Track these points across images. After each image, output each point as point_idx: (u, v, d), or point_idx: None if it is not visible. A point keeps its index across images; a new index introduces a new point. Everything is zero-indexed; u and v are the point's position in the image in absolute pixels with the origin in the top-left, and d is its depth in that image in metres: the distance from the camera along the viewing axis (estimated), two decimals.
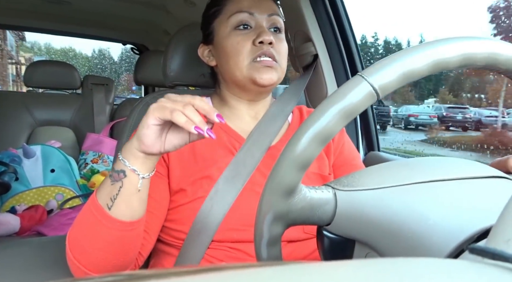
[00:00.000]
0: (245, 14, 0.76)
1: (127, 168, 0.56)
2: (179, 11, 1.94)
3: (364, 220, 0.40)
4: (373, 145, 1.32)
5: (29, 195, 1.71)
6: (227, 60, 0.76)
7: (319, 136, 0.37)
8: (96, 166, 1.99)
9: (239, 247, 0.70)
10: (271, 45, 0.74)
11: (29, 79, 2.10)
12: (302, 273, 0.19)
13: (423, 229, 0.36)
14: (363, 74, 0.37)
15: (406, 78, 0.37)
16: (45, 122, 2.12)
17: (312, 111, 0.38)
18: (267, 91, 0.80)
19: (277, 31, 0.79)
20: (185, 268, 0.22)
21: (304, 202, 0.41)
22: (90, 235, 0.59)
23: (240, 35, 0.75)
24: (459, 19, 57.22)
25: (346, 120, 0.37)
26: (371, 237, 0.40)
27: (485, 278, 0.20)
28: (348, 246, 0.42)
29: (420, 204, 0.38)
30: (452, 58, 0.37)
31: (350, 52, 1.28)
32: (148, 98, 0.95)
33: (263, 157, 0.74)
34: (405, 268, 0.21)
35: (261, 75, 0.74)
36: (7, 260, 0.80)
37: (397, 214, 0.38)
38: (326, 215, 0.42)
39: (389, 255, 0.38)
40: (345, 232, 0.42)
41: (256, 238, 0.43)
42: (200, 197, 0.70)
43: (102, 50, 31.43)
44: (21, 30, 2.76)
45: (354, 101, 0.36)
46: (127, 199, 0.57)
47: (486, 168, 0.45)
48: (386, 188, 0.40)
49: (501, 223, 0.26)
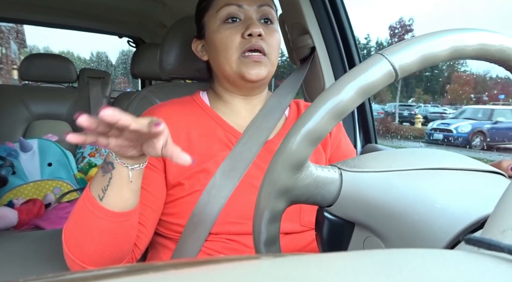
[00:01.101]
0: (233, 7, 0.75)
1: (115, 161, 0.57)
2: (176, 3, 1.93)
3: (368, 202, 0.40)
4: (370, 137, 1.32)
5: (27, 189, 1.70)
6: (217, 55, 0.76)
7: (335, 111, 0.36)
8: (94, 159, 1.98)
9: (236, 239, 0.70)
10: (260, 37, 0.73)
11: (24, 73, 2.09)
12: (300, 265, 0.19)
13: (430, 211, 0.36)
14: (383, 52, 0.37)
15: (426, 61, 0.37)
16: (41, 116, 2.11)
17: (332, 84, 0.37)
18: (258, 86, 0.79)
19: (268, 22, 0.77)
20: (183, 260, 0.22)
21: (310, 178, 0.40)
22: (83, 227, 0.59)
23: (229, 29, 0.74)
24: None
25: (363, 97, 0.37)
26: (374, 220, 0.40)
27: (481, 268, 0.20)
28: (347, 229, 0.42)
29: (428, 188, 0.39)
30: (469, 47, 0.37)
31: (348, 45, 1.27)
32: (145, 92, 0.95)
33: (260, 151, 0.74)
34: (402, 259, 0.21)
35: (249, 70, 0.73)
36: (5, 253, 0.80)
37: (403, 196, 0.38)
38: (330, 195, 0.42)
39: (390, 238, 0.38)
40: (347, 214, 0.42)
41: (257, 212, 0.42)
42: (197, 190, 0.70)
43: (100, 53, 31.40)
44: (15, 23, 2.73)
45: (373, 78, 0.36)
46: (118, 190, 0.57)
47: (484, 164, 0.46)
48: (393, 171, 0.41)
49: (496, 214, 0.26)
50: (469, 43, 0.37)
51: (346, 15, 1.27)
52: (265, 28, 0.75)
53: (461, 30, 0.38)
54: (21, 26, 14.00)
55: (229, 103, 0.81)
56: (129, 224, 0.61)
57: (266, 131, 0.77)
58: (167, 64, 0.95)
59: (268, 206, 0.41)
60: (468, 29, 0.38)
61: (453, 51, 0.37)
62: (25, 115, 2.07)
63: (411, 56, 0.36)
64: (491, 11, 65.29)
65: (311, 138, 0.37)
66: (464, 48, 0.37)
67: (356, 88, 0.36)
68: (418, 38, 0.37)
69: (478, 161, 0.46)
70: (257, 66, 0.73)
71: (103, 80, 2.29)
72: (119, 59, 27.46)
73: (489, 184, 0.42)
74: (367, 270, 0.19)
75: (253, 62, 0.73)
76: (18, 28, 15.14)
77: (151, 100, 0.93)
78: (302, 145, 0.37)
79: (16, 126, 2.04)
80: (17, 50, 17.02)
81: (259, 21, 0.76)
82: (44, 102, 2.12)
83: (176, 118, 0.76)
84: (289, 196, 0.41)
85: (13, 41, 14.96)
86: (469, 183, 0.40)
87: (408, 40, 0.37)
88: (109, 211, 0.58)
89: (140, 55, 2.13)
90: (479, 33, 0.38)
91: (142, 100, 0.93)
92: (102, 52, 31.91)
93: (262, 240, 0.43)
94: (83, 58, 32.94)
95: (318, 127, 0.37)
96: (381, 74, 0.36)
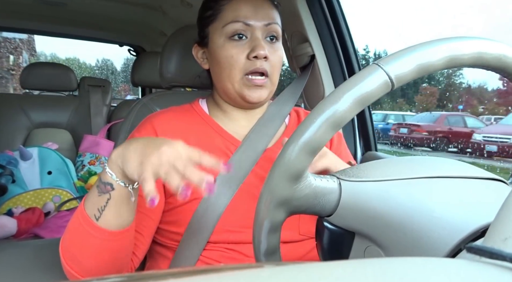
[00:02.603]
0: (240, 24, 0.73)
1: (114, 181, 0.54)
2: (176, 12, 1.94)
3: (367, 211, 0.40)
4: (370, 145, 1.32)
5: (26, 198, 1.70)
6: (220, 71, 0.75)
7: (333, 121, 0.36)
8: (93, 168, 1.98)
9: (235, 248, 0.69)
10: (265, 59, 0.73)
11: (25, 81, 2.09)
12: (301, 273, 0.19)
13: (428, 221, 0.36)
14: (379, 62, 0.37)
15: (422, 70, 0.37)
16: (41, 124, 2.11)
17: (329, 95, 0.37)
18: (258, 106, 0.80)
19: (273, 39, 0.77)
20: (183, 269, 0.22)
21: (309, 189, 0.40)
22: (79, 244, 0.58)
23: (235, 48, 0.73)
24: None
25: (360, 107, 0.37)
26: (373, 229, 0.39)
27: (483, 277, 0.20)
28: (347, 239, 0.42)
29: (426, 197, 0.38)
30: (466, 56, 0.37)
31: (347, 53, 1.28)
32: (145, 100, 0.95)
33: (259, 160, 0.74)
34: (403, 268, 0.21)
35: (251, 94, 0.74)
36: (4, 262, 0.80)
37: (402, 205, 0.38)
38: (330, 205, 0.41)
39: (390, 248, 0.38)
40: (347, 224, 0.42)
41: (257, 223, 0.42)
42: (196, 198, 0.70)
43: (105, 60, 31.66)
44: (18, 32, 2.77)
45: (369, 89, 0.36)
46: (116, 210, 0.56)
47: (484, 171, 0.45)
48: (391, 180, 0.40)
49: (498, 222, 0.26)
50: (465, 51, 0.37)
51: (345, 23, 1.28)
52: (269, 47, 0.74)
53: (457, 39, 0.38)
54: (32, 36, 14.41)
55: (228, 113, 0.81)
56: (126, 241, 0.60)
57: (265, 139, 0.77)
58: (167, 72, 0.96)
59: (268, 216, 0.41)
60: (464, 37, 0.38)
61: (449, 60, 0.37)
62: (25, 123, 2.07)
63: (407, 65, 0.36)
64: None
65: (309, 148, 0.37)
66: (460, 56, 0.37)
67: (353, 99, 0.36)
68: (414, 47, 0.37)
69: (479, 168, 0.46)
70: (258, 89, 0.74)
71: (104, 89, 2.30)
72: (124, 66, 27.68)
73: (488, 192, 0.41)
74: (368, 278, 0.19)
75: (255, 86, 0.73)
76: (30, 39, 15.46)
77: (151, 108, 0.93)
78: (300, 156, 0.37)
79: (16, 134, 2.04)
80: (28, 58, 17.42)
81: (265, 39, 0.75)
82: (45, 110, 2.12)
83: (175, 125, 0.76)
84: (288, 207, 0.41)
85: (25, 51, 15.44)
86: (468, 192, 0.40)
87: (404, 49, 0.37)
88: (106, 231, 0.56)
89: (140, 64, 2.14)
90: (475, 41, 0.38)
91: (142, 108, 0.93)
92: (107, 59, 32.12)
93: (262, 251, 0.43)
94: (89, 64, 33.16)
95: (315, 138, 0.37)
96: (377, 84, 0.36)
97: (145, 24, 2.33)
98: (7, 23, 2.49)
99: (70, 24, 2.42)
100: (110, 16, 2.26)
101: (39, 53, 26.19)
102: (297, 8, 1.17)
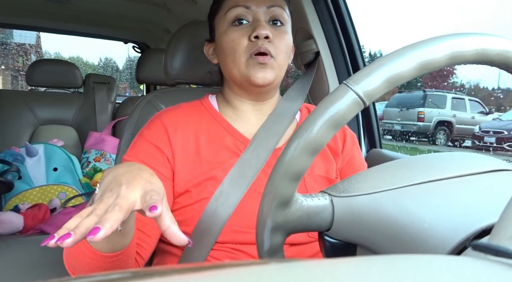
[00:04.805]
0: (241, 8, 0.73)
1: None
2: (180, 9, 1.94)
3: (362, 225, 0.40)
4: (375, 142, 1.32)
5: (32, 194, 1.71)
6: (225, 58, 0.74)
7: (309, 147, 0.37)
8: (99, 164, 1.99)
9: (242, 248, 0.69)
10: (267, 39, 0.71)
11: (31, 78, 2.10)
12: (306, 270, 0.19)
13: (419, 232, 0.35)
14: (347, 82, 0.36)
15: (393, 82, 0.36)
16: (47, 121, 2.12)
17: (301, 123, 0.37)
18: (266, 91, 0.77)
19: (277, 23, 0.75)
20: (188, 265, 0.22)
21: (301, 211, 0.41)
22: (75, 259, 0.56)
23: (236, 31, 0.72)
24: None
25: (335, 129, 0.37)
26: (371, 242, 0.40)
27: (488, 275, 0.20)
28: (350, 249, 0.42)
29: (416, 207, 0.38)
30: (439, 58, 0.36)
31: (352, 49, 1.27)
32: (150, 97, 0.95)
33: (269, 159, 0.72)
34: (407, 265, 0.21)
35: (256, 74, 0.71)
36: (10, 258, 0.80)
37: (393, 218, 0.38)
38: (325, 222, 0.42)
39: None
40: (345, 237, 0.42)
41: (259, 246, 0.43)
42: (205, 198, 0.69)
43: (108, 59, 31.78)
44: (21, 29, 2.78)
45: (340, 111, 0.36)
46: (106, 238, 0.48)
47: (487, 160, 0.44)
48: (382, 192, 0.40)
49: (504, 220, 0.26)
50: (436, 55, 0.36)
51: (350, 19, 1.27)
52: (273, 30, 0.73)
53: (428, 42, 0.36)
54: (39, 38, 14.57)
55: (238, 109, 0.79)
56: (125, 258, 0.56)
57: (275, 137, 0.75)
58: (171, 69, 0.96)
59: (266, 240, 0.42)
60: (434, 39, 0.37)
61: (422, 66, 0.36)
62: (31, 120, 2.09)
63: (376, 81, 0.36)
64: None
65: (292, 175, 0.38)
66: (431, 61, 0.36)
67: (326, 122, 0.36)
68: (381, 61, 0.36)
69: (481, 157, 0.44)
70: (263, 68, 0.71)
71: (108, 86, 2.31)
72: (125, 65, 27.75)
73: (488, 188, 0.40)
74: (373, 275, 0.19)
75: (259, 64, 0.71)
76: (38, 43, 15.62)
77: (156, 105, 0.94)
78: (284, 183, 0.38)
79: (22, 131, 2.05)
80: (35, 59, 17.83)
81: (268, 22, 0.74)
82: (50, 107, 2.13)
83: (185, 123, 0.75)
84: (285, 230, 0.42)
85: (33, 54, 15.80)
86: (461, 193, 0.38)
87: (370, 65, 0.37)
88: (98, 253, 0.53)
89: (145, 61, 2.15)
90: (447, 42, 0.36)
91: (147, 105, 0.93)
92: (110, 58, 32.23)
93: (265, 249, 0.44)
94: (92, 63, 33.35)
95: (296, 165, 0.37)
96: (347, 105, 0.36)
97: (149, 21, 2.34)
98: (13, 21, 2.50)
99: (75, 21, 2.43)
100: (114, 13, 2.26)
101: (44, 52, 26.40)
102: (302, 4, 1.17)
